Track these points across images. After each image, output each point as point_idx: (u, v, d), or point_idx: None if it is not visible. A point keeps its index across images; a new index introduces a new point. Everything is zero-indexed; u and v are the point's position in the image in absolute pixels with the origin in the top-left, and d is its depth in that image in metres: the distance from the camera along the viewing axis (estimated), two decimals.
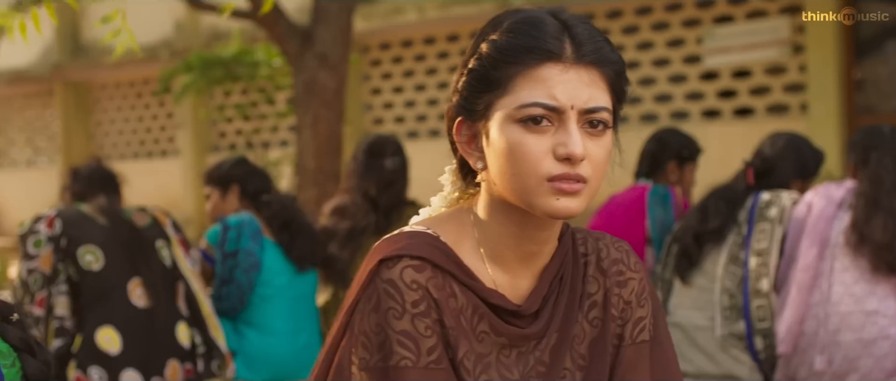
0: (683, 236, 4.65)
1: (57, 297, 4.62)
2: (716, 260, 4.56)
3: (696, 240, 4.60)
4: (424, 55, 14.53)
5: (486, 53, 1.88)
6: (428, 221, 1.99)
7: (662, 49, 12.77)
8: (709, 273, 4.57)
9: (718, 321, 4.49)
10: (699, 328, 4.53)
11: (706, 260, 4.60)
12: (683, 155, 5.22)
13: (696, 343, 4.53)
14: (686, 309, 4.60)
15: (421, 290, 1.85)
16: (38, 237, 4.64)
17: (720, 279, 4.51)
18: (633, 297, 2.04)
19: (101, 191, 4.91)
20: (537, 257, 1.96)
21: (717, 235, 4.57)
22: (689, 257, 4.61)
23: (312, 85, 7.67)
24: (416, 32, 14.38)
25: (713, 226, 4.57)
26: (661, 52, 12.78)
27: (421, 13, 13.65)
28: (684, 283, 4.61)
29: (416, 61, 14.64)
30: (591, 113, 1.84)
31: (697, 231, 4.60)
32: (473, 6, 13.21)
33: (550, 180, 1.82)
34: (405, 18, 13.87)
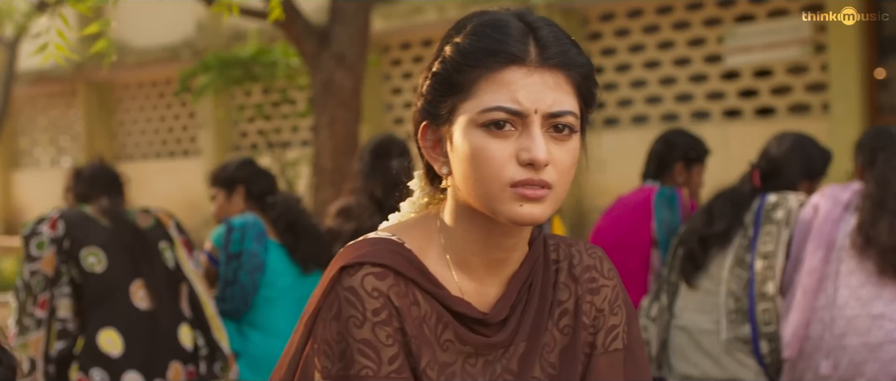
0: (688, 240, 4.59)
1: (59, 299, 4.61)
2: (721, 263, 4.51)
3: (701, 243, 4.55)
4: None
5: (450, 57, 1.85)
6: (394, 227, 1.96)
7: (683, 48, 12.69)
8: (714, 276, 4.51)
9: (724, 325, 4.43)
10: (704, 332, 4.48)
11: (712, 263, 4.54)
12: (691, 156, 5.16)
13: (701, 347, 4.48)
14: (691, 312, 4.55)
15: (382, 298, 1.81)
16: (41, 239, 4.63)
17: (725, 282, 4.46)
18: (605, 304, 1.99)
19: (103, 192, 4.90)
20: (505, 263, 1.92)
21: (723, 238, 4.51)
22: (695, 261, 4.55)
23: (329, 85, 7.65)
24: (437, 32, 14.32)
25: (718, 229, 4.51)
26: (681, 52, 12.71)
27: (441, 13, 13.61)
28: (690, 286, 4.56)
29: None
30: (555, 117, 1.80)
31: (703, 234, 4.55)
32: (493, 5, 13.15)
33: (514, 186, 1.78)
34: (425, 18, 13.84)
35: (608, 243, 5.09)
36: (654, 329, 4.62)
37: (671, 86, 12.83)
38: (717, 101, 12.51)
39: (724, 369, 4.41)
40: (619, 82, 13.16)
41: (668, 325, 4.60)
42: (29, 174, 19.96)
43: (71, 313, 4.62)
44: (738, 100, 12.39)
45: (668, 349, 4.59)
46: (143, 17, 17.15)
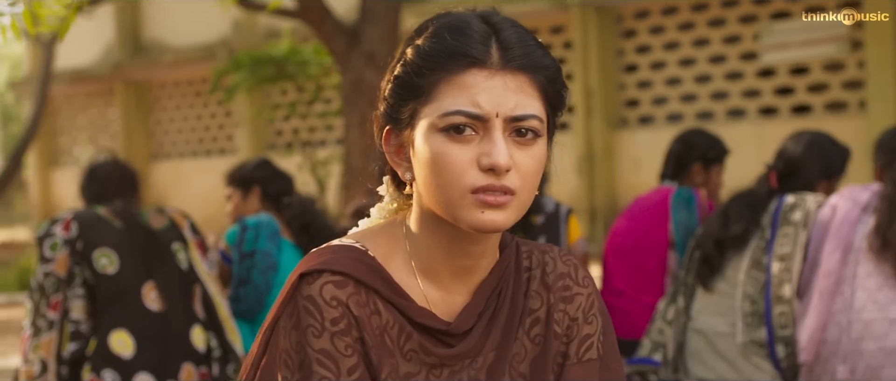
0: (704, 243, 4.51)
1: (72, 300, 4.60)
2: (738, 266, 4.42)
3: (717, 246, 4.46)
4: None
5: (410, 59, 1.80)
6: (359, 233, 1.91)
7: (719, 46, 12.59)
8: (731, 279, 4.43)
9: (740, 328, 4.35)
10: (720, 335, 4.40)
11: (728, 266, 4.46)
12: (709, 156, 5.08)
13: (717, 350, 4.40)
14: (708, 315, 4.47)
15: (341, 307, 1.77)
16: (55, 240, 4.62)
17: (742, 285, 4.38)
18: (579, 313, 1.94)
19: (116, 193, 4.87)
20: (472, 271, 1.87)
21: (739, 241, 4.43)
22: (710, 264, 4.47)
23: (359, 84, 7.64)
24: None
25: (735, 232, 4.43)
26: (717, 49, 12.60)
27: None
28: (706, 290, 4.48)
29: None
30: (518, 121, 1.74)
31: (719, 238, 4.46)
32: (526, 4, 13.11)
33: (474, 192, 1.73)
34: None
35: (625, 244, 5.03)
36: (670, 332, 4.55)
37: (706, 83, 12.72)
38: (752, 98, 12.40)
39: (741, 372, 4.33)
40: (653, 80, 13.07)
41: (685, 328, 4.52)
42: (68, 173, 20.08)
43: (84, 314, 4.61)
44: (774, 98, 12.27)
45: (685, 352, 4.51)
46: (180, 17, 17.22)
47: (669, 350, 4.55)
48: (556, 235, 4.94)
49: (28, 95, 19.37)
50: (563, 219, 4.99)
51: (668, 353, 4.55)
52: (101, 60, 18.75)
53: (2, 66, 33.79)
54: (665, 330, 4.56)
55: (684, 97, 12.87)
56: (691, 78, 12.78)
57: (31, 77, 18.87)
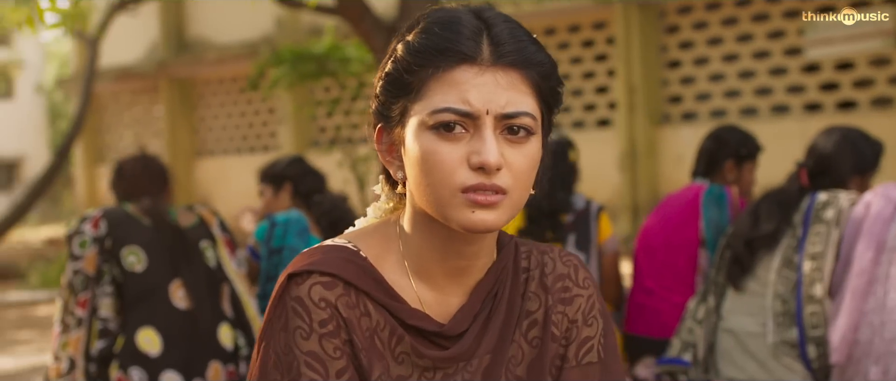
0: (734, 242, 4.44)
1: (101, 298, 4.60)
2: (769, 265, 4.34)
3: (747, 246, 4.39)
4: None
5: (401, 56, 1.76)
6: (352, 233, 1.88)
7: (763, 41, 12.46)
8: (761, 278, 4.36)
9: (770, 328, 4.28)
10: (751, 335, 4.33)
11: (759, 265, 4.38)
12: (742, 153, 4.99)
13: (748, 350, 4.32)
14: (738, 315, 4.39)
15: (329, 308, 1.73)
16: (83, 238, 4.63)
17: (773, 284, 4.30)
18: (579, 315, 1.89)
19: (145, 191, 4.87)
20: (467, 272, 1.83)
21: (770, 240, 4.35)
22: (741, 264, 4.40)
23: None
24: None
25: (765, 231, 4.35)
26: (761, 44, 12.47)
27: (516, 7, 13.51)
28: (736, 289, 4.41)
29: None
30: (509, 118, 1.70)
31: (749, 237, 4.39)
32: (569, 0, 13.03)
33: (465, 192, 1.68)
34: None
35: (655, 243, 4.96)
36: (700, 332, 4.48)
37: (750, 79, 12.60)
38: (797, 94, 12.26)
39: (771, 373, 4.26)
40: (696, 76, 12.96)
41: (715, 327, 4.45)
42: None
43: (112, 312, 4.62)
44: (818, 93, 12.13)
45: (715, 352, 4.45)
46: (224, 14, 17.28)
47: (700, 350, 4.48)
48: (586, 233, 4.88)
49: (75, 92, 19.51)
50: (594, 217, 4.93)
51: (699, 353, 4.48)
52: (146, 58, 18.85)
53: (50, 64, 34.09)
54: (695, 330, 4.50)
55: (728, 93, 12.75)
56: (735, 74, 12.66)
57: (78, 75, 18.99)
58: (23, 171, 32.50)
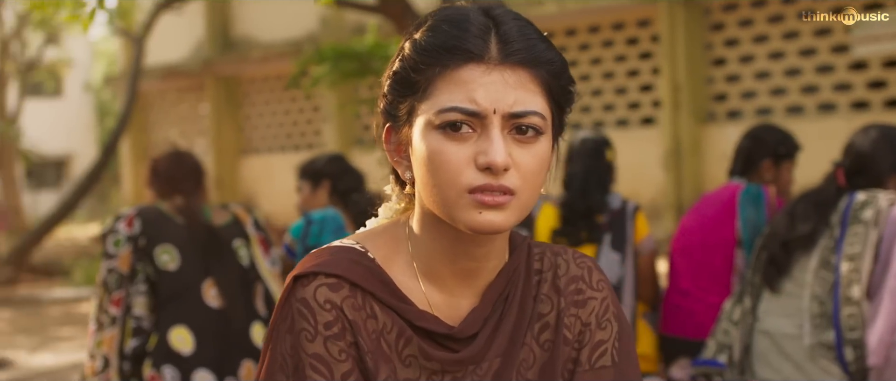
0: (771, 244, 4.37)
1: (135, 296, 4.62)
2: (806, 266, 4.27)
3: (783, 248, 4.32)
4: (565, 47, 14.31)
5: (408, 55, 1.74)
6: (361, 234, 1.85)
7: (809, 38, 12.33)
8: (798, 279, 4.29)
9: (807, 329, 4.21)
10: (787, 336, 4.26)
11: (795, 266, 4.31)
12: (780, 152, 4.92)
13: (784, 352, 4.26)
14: (775, 316, 4.33)
15: (335, 310, 1.71)
16: (118, 237, 4.65)
17: (810, 286, 4.23)
18: (592, 318, 1.86)
19: (178, 189, 4.87)
20: (477, 274, 1.80)
21: (807, 241, 4.27)
22: (777, 266, 4.33)
23: None
24: (557, 24, 14.18)
25: (802, 232, 4.28)
26: (807, 42, 12.35)
27: (560, 4, 13.45)
28: (772, 291, 4.34)
29: None
30: (517, 118, 1.67)
31: (786, 238, 4.32)
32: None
33: (471, 192, 1.66)
34: (545, 10, 13.69)
35: (692, 243, 4.91)
36: (736, 333, 4.42)
37: (796, 77, 12.48)
38: (844, 92, 12.13)
39: (808, 375, 4.19)
40: (742, 74, 12.86)
41: (752, 329, 4.39)
42: None
43: (146, 310, 4.63)
44: (866, 91, 11.99)
45: (751, 354, 4.38)
46: (268, 13, 17.32)
47: (735, 352, 4.42)
48: (622, 233, 4.83)
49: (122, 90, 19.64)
50: (630, 216, 4.88)
51: (734, 355, 4.42)
52: (192, 56, 18.95)
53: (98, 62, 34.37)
54: (731, 331, 4.44)
55: (773, 91, 12.63)
56: (781, 71, 12.54)
57: (125, 73, 19.12)
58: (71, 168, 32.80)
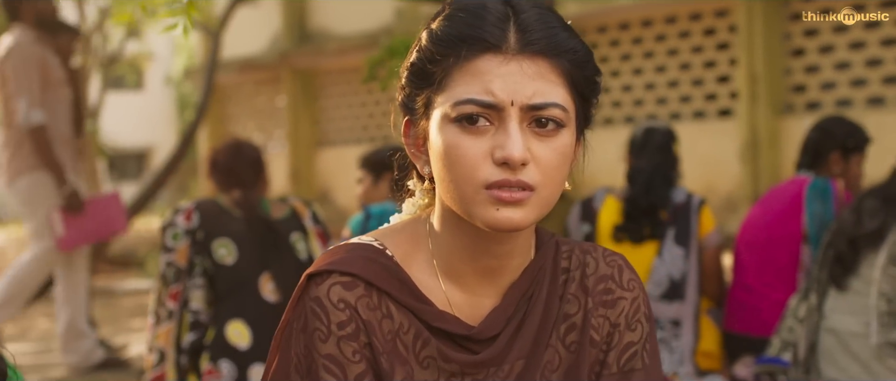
0: (837, 240, 4.24)
1: (192, 290, 4.59)
2: (873, 262, 4.15)
3: (851, 245, 4.19)
4: (641, 38, 14.14)
5: (425, 45, 1.68)
6: (380, 231, 1.79)
7: (892, 28, 12.06)
8: (865, 276, 4.16)
9: (874, 328, 4.08)
10: (854, 335, 4.14)
11: (863, 262, 4.18)
12: (849, 145, 4.79)
13: (851, 350, 4.14)
14: (841, 314, 4.21)
15: (349, 310, 1.66)
16: (176, 230, 4.63)
17: (877, 283, 4.10)
18: (622, 319, 1.78)
19: (237, 182, 4.84)
20: (501, 272, 1.73)
21: (875, 237, 4.15)
22: (843, 263, 4.20)
23: None
24: (633, 15, 14.01)
25: (869, 228, 4.15)
26: (890, 31, 12.08)
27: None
28: (839, 289, 4.22)
29: (633, 45, 14.28)
30: (537, 110, 1.59)
31: (852, 235, 4.19)
32: None
33: (488, 188, 1.59)
34: (621, 1, 13.54)
35: (757, 238, 4.79)
36: (801, 331, 4.30)
37: (878, 67, 12.21)
38: (894, 86, 11.86)
39: (874, 375, 4.07)
40: (821, 64, 12.61)
41: (817, 326, 4.27)
42: None
43: (203, 304, 4.60)
44: None
45: (817, 352, 4.26)
46: (344, 5, 17.35)
47: (800, 350, 4.30)
48: (686, 227, 4.73)
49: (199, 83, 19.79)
50: (695, 210, 4.78)
51: (799, 353, 4.30)
52: (269, 49, 19.02)
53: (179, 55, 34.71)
54: (796, 329, 4.32)
55: (854, 82, 12.37)
56: (862, 62, 12.27)
57: (203, 66, 19.25)
58: (152, 161, 33.17)
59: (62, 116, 6.64)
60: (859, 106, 12.15)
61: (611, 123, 14.11)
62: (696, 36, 13.71)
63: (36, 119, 6.35)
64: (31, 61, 6.43)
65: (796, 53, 12.87)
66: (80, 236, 6.60)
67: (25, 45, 6.50)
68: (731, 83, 13.41)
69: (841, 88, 12.44)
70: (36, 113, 6.36)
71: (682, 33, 13.85)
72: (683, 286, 4.66)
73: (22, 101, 6.38)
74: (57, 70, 6.61)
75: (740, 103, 12.97)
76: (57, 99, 6.60)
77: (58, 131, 6.58)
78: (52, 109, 6.55)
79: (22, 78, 6.41)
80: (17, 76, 6.43)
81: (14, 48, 6.51)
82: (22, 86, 6.41)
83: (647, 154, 4.88)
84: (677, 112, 13.84)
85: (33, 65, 6.44)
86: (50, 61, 6.55)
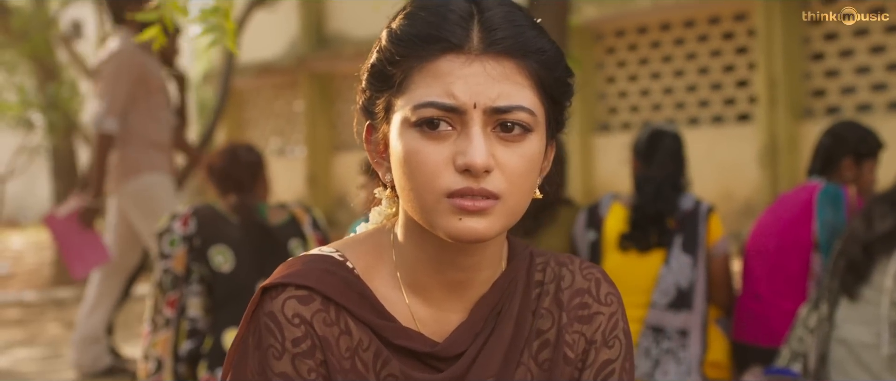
0: (849, 247, 4.12)
1: (189, 297, 4.51)
2: (885, 270, 4.03)
3: (864, 250, 4.07)
4: (660, 42, 14.03)
5: (384, 45, 1.58)
6: (343, 241, 1.70)
7: (879, 35, 11.95)
8: (877, 285, 4.05)
9: (885, 339, 3.97)
10: (865, 345, 4.03)
11: (875, 270, 4.07)
12: (861, 151, 4.66)
13: (862, 361, 4.03)
14: (852, 324, 4.09)
15: (304, 326, 1.56)
16: (173, 236, 4.54)
17: (889, 292, 3.99)
18: (598, 336, 1.67)
19: (233, 187, 4.74)
20: (468, 285, 1.62)
21: (888, 240, 4.03)
22: (857, 271, 4.08)
23: None
24: (650, 19, 13.90)
25: (881, 231, 4.04)
26: (877, 39, 11.97)
27: None
28: (851, 298, 4.10)
29: (651, 48, 14.16)
30: (501, 113, 1.49)
31: (865, 240, 4.07)
32: None
33: (450, 197, 1.49)
34: (639, 4, 13.43)
35: (767, 245, 4.67)
36: (811, 341, 4.18)
37: (865, 75, 12.10)
38: None
39: None
40: (841, 69, 12.47)
41: (828, 337, 4.16)
42: None
43: (201, 311, 4.52)
44: None
45: (827, 363, 4.15)
46: (361, 9, 17.29)
47: (811, 361, 4.19)
48: (694, 235, 4.61)
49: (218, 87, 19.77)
50: (703, 218, 4.65)
51: (809, 363, 4.19)
52: (286, 53, 18.98)
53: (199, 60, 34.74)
54: (806, 339, 4.21)
55: (874, 86, 12.23)
56: (882, 66, 12.13)
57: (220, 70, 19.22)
58: None
59: (163, 122, 6.61)
60: (880, 110, 12.02)
61: (628, 127, 14.00)
62: (715, 40, 13.59)
63: (108, 127, 6.31)
64: (128, 71, 6.38)
65: (816, 57, 12.73)
66: (64, 245, 6.60)
67: (127, 53, 6.45)
68: (750, 87, 13.28)
69: (861, 92, 12.30)
70: (110, 121, 6.32)
71: (700, 37, 13.73)
72: (691, 295, 4.55)
73: (102, 104, 6.34)
74: (158, 76, 6.57)
75: (759, 108, 12.85)
76: (158, 105, 6.56)
77: (157, 137, 6.54)
78: (153, 115, 6.51)
79: (111, 83, 6.38)
80: (108, 80, 6.41)
81: (116, 54, 6.48)
82: (107, 90, 6.39)
83: (657, 161, 4.76)
84: (696, 117, 13.72)
85: (129, 74, 6.39)
86: (151, 68, 6.51)
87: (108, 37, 19.07)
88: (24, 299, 12.66)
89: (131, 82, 6.39)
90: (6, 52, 14.82)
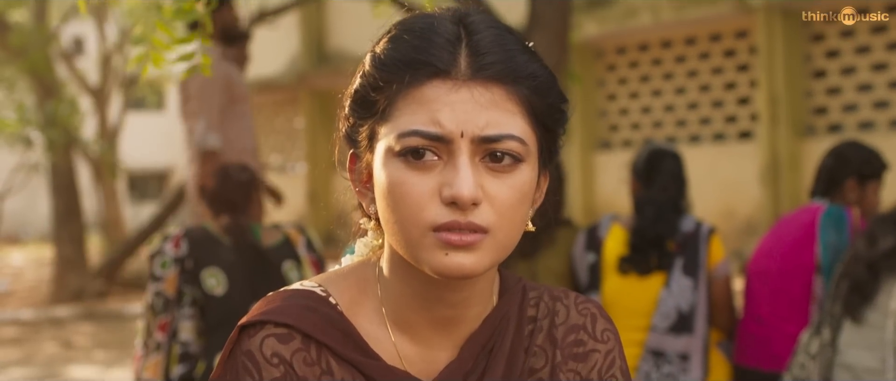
0: (852, 269, 4.04)
1: (181, 321, 4.42)
2: (889, 291, 3.95)
3: (869, 269, 3.99)
4: (661, 59, 13.99)
5: (367, 70, 1.50)
6: (325, 275, 1.62)
7: (882, 53, 11.90)
8: (882, 308, 3.97)
9: (891, 364, 3.89)
10: (869, 371, 3.95)
11: (880, 292, 3.99)
12: (865, 172, 4.58)
13: None
14: (857, 349, 4.01)
15: (283, 365, 1.48)
16: (165, 258, 4.45)
17: (893, 314, 3.91)
18: (594, 374, 1.59)
19: (225, 209, 4.65)
20: (457, 322, 1.55)
21: (891, 257, 3.95)
22: (862, 292, 4.00)
23: None
24: (651, 36, 13.86)
25: (884, 248, 3.96)
26: (879, 57, 11.92)
27: (656, 15, 13.14)
28: (854, 321, 4.02)
29: (652, 65, 14.11)
30: (490, 142, 1.41)
31: (869, 258, 3.99)
32: (710, 7, 12.61)
33: (436, 231, 1.41)
34: (640, 22, 13.39)
35: (769, 268, 4.59)
36: (813, 367, 4.10)
37: (867, 92, 12.04)
38: None
39: None
40: (843, 86, 12.42)
41: (831, 362, 4.07)
42: None
43: (193, 335, 4.43)
44: None
45: None
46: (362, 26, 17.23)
47: None
48: (695, 257, 4.53)
49: None
50: (704, 240, 4.57)
51: None
52: (287, 70, 18.95)
53: None
54: (808, 365, 4.13)
55: (877, 104, 12.17)
56: (884, 83, 12.07)
57: None
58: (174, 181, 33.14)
59: (246, 130, 6.52)
60: (882, 128, 11.96)
61: (629, 145, 13.94)
62: (716, 57, 13.54)
63: (212, 143, 6.19)
64: (216, 81, 6.28)
65: (818, 75, 12.68)
66: None
67: (211, 65, 6.37)
68: (752, 105, 13.22)
69: (863, 110, 12.24)
70: (213, 137, 6.20)
71: (701, 54, 13.68)
72: (692, 319, 4.47)
73: (200, 122, 6.23)
74: (241, 84, 6.49)
75: (761, 125, 12.80)
76: (242, 113, 6.47)
77: (242, 145, 6.45)
78: (238, 124, 6.42)
79: (204, 98, 6.26)
80: (199, 96, 6.27)
81: None
82: (202, 107, 6.26)
83: (658, 183, 4.66)
84: (697, 134, 13.66)
85: (217, 85, 6.28)
86: (234, 77, 6.42)
87: (108, 53, 18.99)
88: (21, 318, 12.58)
89: (220, 93, 6.29)
90: (5, 69, 14.77)
